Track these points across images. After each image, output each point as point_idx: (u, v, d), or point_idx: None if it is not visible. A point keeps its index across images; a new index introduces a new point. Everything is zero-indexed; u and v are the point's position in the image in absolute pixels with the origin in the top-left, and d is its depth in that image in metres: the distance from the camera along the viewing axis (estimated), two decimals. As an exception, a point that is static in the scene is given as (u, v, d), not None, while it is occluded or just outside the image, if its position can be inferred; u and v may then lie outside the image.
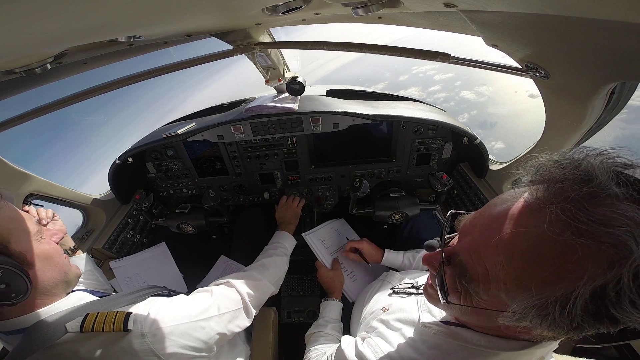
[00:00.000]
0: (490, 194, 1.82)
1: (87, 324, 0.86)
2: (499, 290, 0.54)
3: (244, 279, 1.29)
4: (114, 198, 2.11)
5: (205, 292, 1.16)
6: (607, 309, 0.44)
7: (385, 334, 0.96)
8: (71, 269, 1.01)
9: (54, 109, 1.41)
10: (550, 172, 0.53)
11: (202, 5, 0.72)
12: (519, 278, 0.51)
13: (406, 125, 1.98)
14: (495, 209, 0.57)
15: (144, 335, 0.89)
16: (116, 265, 1.89)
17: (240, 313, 1.19)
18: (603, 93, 0.84)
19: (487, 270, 0.55)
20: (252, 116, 1.89)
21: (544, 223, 0.47)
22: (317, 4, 0.87)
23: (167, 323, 0.94)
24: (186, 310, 1.02)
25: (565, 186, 0.48)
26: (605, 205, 0.45)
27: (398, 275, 1.39)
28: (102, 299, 1.02)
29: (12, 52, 0.69)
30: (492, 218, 0.56)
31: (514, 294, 0.52)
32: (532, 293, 0.49)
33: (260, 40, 1.51)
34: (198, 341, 0.99)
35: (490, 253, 0.54)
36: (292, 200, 2.03)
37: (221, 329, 1.08)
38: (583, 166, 0.49)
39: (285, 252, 1.65)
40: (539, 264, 0.49)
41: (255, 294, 1.28)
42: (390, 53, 1.31)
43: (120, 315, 0.89)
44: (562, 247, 0.46)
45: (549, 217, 0.47)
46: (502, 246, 0.53)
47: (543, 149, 1.34)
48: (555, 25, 0.65)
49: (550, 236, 0.47)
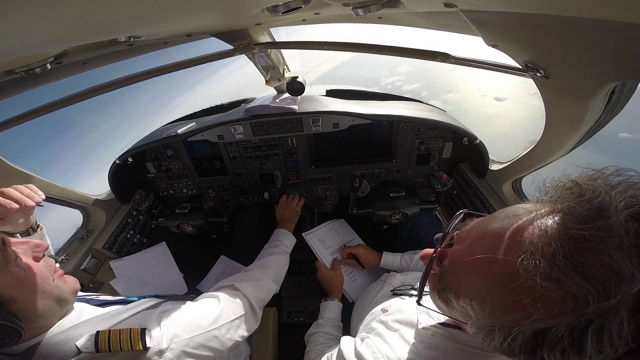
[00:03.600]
0: (490, 194, 1.82)
1: (101, 344, 0.82)
2: (466, 304, 0.57)
3: (248, 280, 1.28)
4: (114, 198, 2.11)
5: (212, 299, 1.14)
6: (542, 351, 0.46)
7: (384, 334, 0.96)
8: (66, 286, 0.91)
9: (54, 109, 1.41)
10: (560, 196, 0.49)
11: (202, 5, 0.72)
12: (482, 299, 0.53)
13: (406, 125, 1.98)
14: (491, 225, 0.56)
15: (162, 352, 0.87)
16: (116, 265, 1.89)
17: (248, 317, 1.18)
18: (603, 93, 0.84)
19: (460, 283, 0.58)
20: (252, 116, 1.89)
21: (519, 259, 0.46)
22: (317, 4, 0.87)
23: (182, 337, 0.93)
24: (198, 321, 1.01)
25: (566, 220, 0.45)
26: (596, 252, 0.41)
27: (399, 277, 1.39)
28: (106, 314, 0.98)
29: (12, 52, 0.69)
30: (484, 234, 0.56)
31: (476, 311, 0.55)
32: (486, 316, 0.52)
33: (260, 40, 1.51)
34: (213, 350, 0.99)
35: (468, 269, 0.56)
36: (292, 199, 2.03)
37: (232, 335, 1.07)
38: (599, 199, 0.43)
39: (286, 250, 1.64)
40: (502, 293, 0.49)
41: (260, 295, 1.28)
42: (390, 53, 1.31)
43: (136, 332, 0.86)
44: (526, 285, 0.45)
45: (528, 254, 0.46)
46: (479, 266, 0.53)
47: (543, 148, 1.35)
48: (555, 25, 0.65)
49: (520, 272, 0.46)
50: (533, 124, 79.39)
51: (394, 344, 0.90)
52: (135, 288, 1.84)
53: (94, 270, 1.88)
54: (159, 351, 0.87)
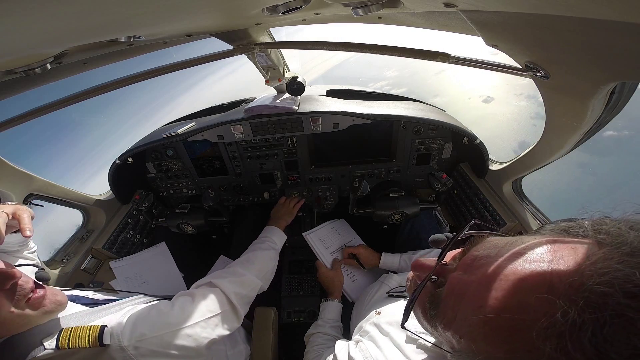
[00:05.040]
0: (490, 194, 1.82)
1: (62, 341, 0.82)
2: (453, 337, 0.52)
3: (228, 276, 1.25)
4: (114, 198, 2.11)
5: (187, 297, 1.12)
6: None
7: (377, 338, 0.96)
8: (35, 312, 0.86)
9: (54, 109, 1.40)
10: (613, 243, 0.40)
11: (202, 5, 0.72)
12: (475, 341, 0.47)
13: (406, 125, 1.98)
14: (509, 267, 0.46)
15: (123, 349, 0.86)
16: (116, 265, 1.89)
17: (227, 315, 1.15)
18: (603, 93, 0.84)
19: (455, 318, 0.51)
20: (252, 116, 1.89)
21: (538, 322, 0.39)
22: (317, 4, 0.87)
23: (148, 334, 0.91)
24: (168, 319, 0.99)
25: (616, 290, 0.35)
26: (626, 327, 0.33)
27: (396, 278, 1.39)
28: (84, 311, 0.98)
29: (12, 52, 0.69)
30: (499, 276, 0.46)
31: (462, 347, 0.51)
32: (470, 354, 0.48)
33: (260, 40, 1.51)
34: (187, 349, 0.97)
35: (470, 310, 0.48)
36: (290, 200, 2.04)
37: (208, 334, 1.04)
38: None
39: (273, 245, 1.61)
40: (500, 343, 0.44)
41: (242, 292, 1.24)
42: (390, 53, 1.31)
43: (94, 329, 0.85)
44: (532, 347, 0.39)
45: (549, 322, 0.38)
46: (484, 312, 0.46)
47: (543, 148, 1.35)
48: (555, 25, 0.65)
49: (533, 339, 0.39)
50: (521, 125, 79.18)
51: (385, 348, 0.90)
52: (135, 288, 1.84)
53: (94, 270, 1.88)
54: (120, 348, 0.86)
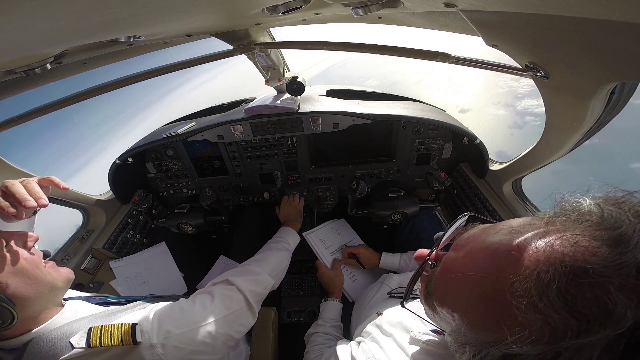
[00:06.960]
0: (490, 194, 1.82)
1: (93, 339, 0.83)
2: (448, 314, 0.57)
3: (244, 274, 1.27)
4: (114, 198, 2.11)
5: (206, 295, 1.14)
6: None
7: (379, 339, 0.96)
8: (58, 274, 0.92)
9: (54, 109, 1.40)
10: (577, 219, 0.45)
11: (202, 5, 0.72)
12: (464, 313, 0.53)
13: (406, 125, 1.98)
14: (490, 239, 0.53)
15: (153, 347, 0.87)
16: (116, 265, 1.89)
17: (243, 312, 1.17)
18: (603, 93, 0.84)
19: (446, 293, 0.57)
20: (252, 116, 1.89)
21: (509, 280, 0.44)
22: (317, 4, 0.87)
23: (173, 331, 0.92)
24: (191, 316, 1.01)
25: (573, 250, 0.41)
26: (595, 287, 0.38)
27: (396, 278, 1.39)
28: (102, 312, 0.99)
29: (12, 52, 0.69)
30: (481, 248, 0.53)
31: (456, 322, 0.55)
32: (463, 330, 0.52)
33: (260, 40, 1.51)
34: (206, 346, 0.98)
35: (457, 282, 0.55)
36: (293, 198, 2.04)
37: (227, 331, 1.07)
38: (619, 231, 0.40)
39: (287, 247, 1.63)
40: (484, 311, 0.49)
41: (257, 289, 1.26)
42: (390, 53, 1.31)
43: (126, 327, 0.86)
44: (510, 309, 0.43)
45: (516, 279, 0.44)
46: (469, 282, 0.52)
47: (543, 149, 1.35)
48: (555, 25, 0.65)
49: (507, 296, 0.44)
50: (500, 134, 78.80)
51: (388, 349, 0.90)
52: (135, 288, 1.85)
53: (94, 270, 1.88)
54: (150, 345, 0.87)
